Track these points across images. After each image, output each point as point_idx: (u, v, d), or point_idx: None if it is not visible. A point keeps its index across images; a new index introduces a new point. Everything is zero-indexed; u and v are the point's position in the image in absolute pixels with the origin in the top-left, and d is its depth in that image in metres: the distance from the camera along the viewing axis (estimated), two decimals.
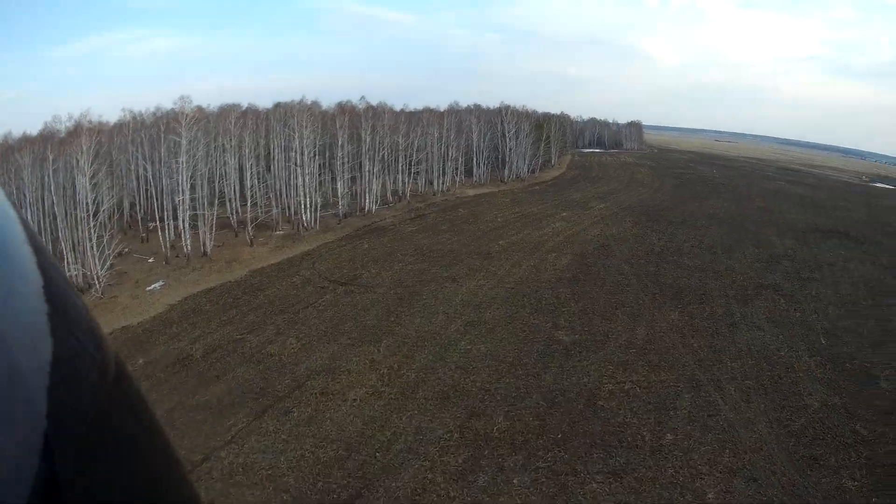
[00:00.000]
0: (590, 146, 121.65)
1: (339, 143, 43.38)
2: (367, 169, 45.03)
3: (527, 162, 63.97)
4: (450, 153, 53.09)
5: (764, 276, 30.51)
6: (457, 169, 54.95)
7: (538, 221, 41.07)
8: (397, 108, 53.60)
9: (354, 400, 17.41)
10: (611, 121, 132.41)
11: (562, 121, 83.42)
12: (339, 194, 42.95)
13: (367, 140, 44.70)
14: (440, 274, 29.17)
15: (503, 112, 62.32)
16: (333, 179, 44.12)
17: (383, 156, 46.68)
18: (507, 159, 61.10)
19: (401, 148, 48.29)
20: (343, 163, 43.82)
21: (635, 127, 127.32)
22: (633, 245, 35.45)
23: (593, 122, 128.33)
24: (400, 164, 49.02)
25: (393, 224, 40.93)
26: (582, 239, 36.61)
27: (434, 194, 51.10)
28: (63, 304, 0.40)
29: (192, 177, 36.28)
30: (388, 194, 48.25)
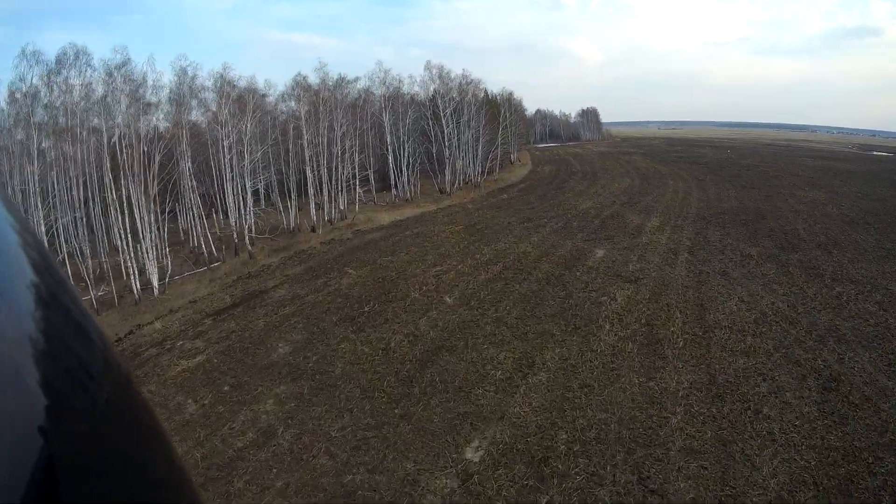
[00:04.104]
0: (542, 140, 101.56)
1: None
2: (136, 199, 19.78)
3: (479, 158, 40.44)
4: (338, 149, 28.24)
5: None
6: (355, 176, 29.75)
7: (555, 284, 16.75)
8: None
9: None
10: (557, 112, 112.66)
11: (515, 105, 60.75)
12: (85, 258, 17.52)
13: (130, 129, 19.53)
14: None
15: (436, 76, 37.82)
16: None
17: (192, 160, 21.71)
18: (448, 155, 37.00)
19: (223, 143, 23.31)
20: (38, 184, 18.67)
21: (592, 115, 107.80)
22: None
23: (541, 114, 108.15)
24: (233, 177, 24.00)
25: (172, 332, 15.75)
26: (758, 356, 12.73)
27: (313, 229, 26.29)
28: (66, 306, 0.39)
29: None
30: (214, 238, 23.23)
